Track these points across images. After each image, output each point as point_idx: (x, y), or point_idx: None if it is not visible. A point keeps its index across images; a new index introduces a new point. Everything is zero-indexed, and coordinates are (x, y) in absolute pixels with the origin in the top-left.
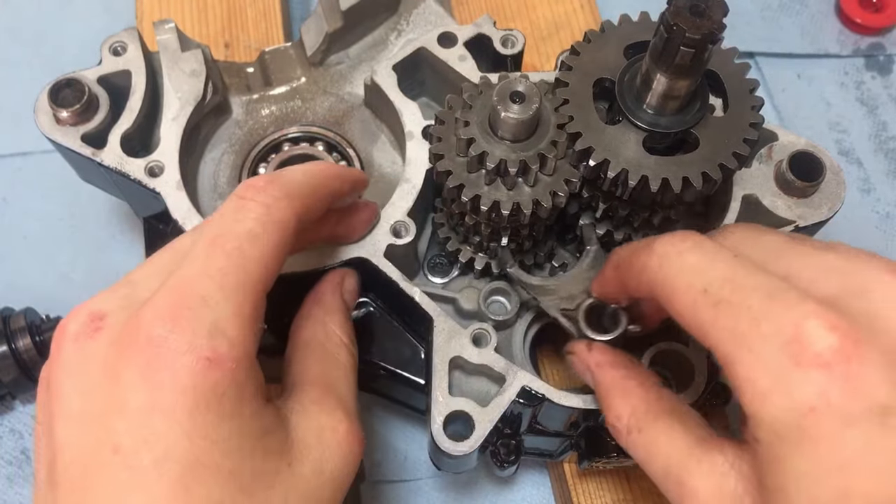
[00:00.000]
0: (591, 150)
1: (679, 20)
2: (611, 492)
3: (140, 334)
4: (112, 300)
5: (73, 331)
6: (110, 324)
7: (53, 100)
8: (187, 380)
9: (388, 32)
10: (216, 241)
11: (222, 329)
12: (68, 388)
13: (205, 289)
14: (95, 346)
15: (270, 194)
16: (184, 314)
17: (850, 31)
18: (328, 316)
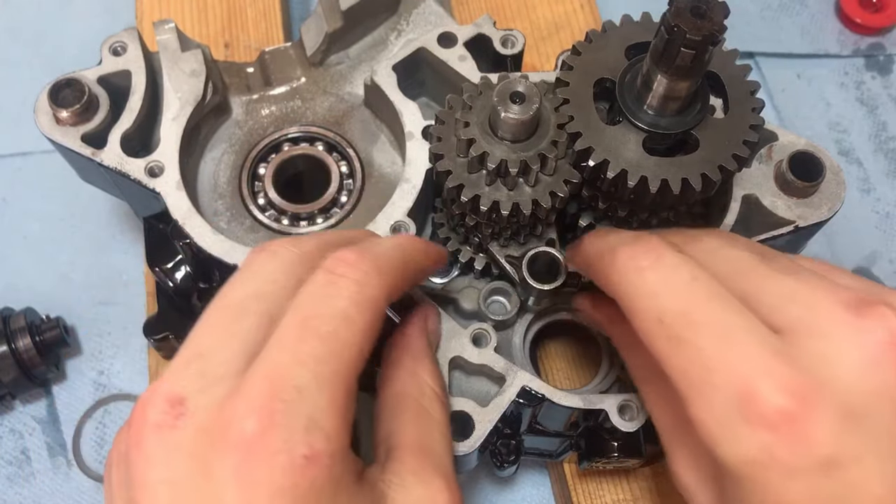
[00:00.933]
0: (590, 150)
1: (680, 21)
2: (611, 492)
3: (232, 429)
4: (186, 380)
5: (153, 420)
6: (192, 410)
7: (53, 100)
8: (284, 480)
9: (388, 32)
10: (308, 322)
11: (318, 423)
12: (154, 479)
13: (299, 379)
14: (180, 435)
15: (362, 270)
16: (278, 408)
17: (850, 31)
18: (418, 364)
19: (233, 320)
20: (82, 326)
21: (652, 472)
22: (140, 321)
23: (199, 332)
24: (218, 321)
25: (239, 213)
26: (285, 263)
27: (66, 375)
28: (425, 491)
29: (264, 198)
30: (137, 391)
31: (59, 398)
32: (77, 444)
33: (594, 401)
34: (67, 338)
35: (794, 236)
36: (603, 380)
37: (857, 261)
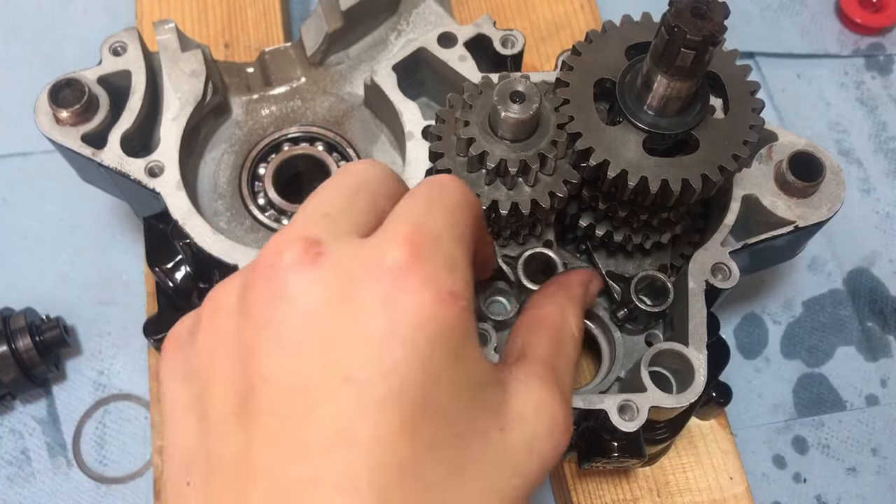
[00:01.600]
0: (591, 150)
1: (680, 22)
2: (611, 492)
3: (383, 260)
4: (319, 228)
5: (289, 257)
6: (332, 250)
7: (53, 100)
8: (430, 311)
9: (388, 32)
10: (431, 199)
11: (457, 267)
12: (283, 315)
13: (439, 228)
14: (321, 273)
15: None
16: (425, 245)
17: (850, 31)
18: (570, 304)
19: (348, 196)
20: (82, 326)
21: (652, 472)
22: (140, 321)
23: (314, 200)
24: (333, 194)
25: (239, 213)
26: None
27: (66, 375)
28: (548, 398)
29: (264, 198)
30: (137, 391)
31: (59, 398)
32: (77, 444)
33: (594, 401)
34: (67, 338)
35: (794, 236)
36: (603, 380)
37: (857, 261)
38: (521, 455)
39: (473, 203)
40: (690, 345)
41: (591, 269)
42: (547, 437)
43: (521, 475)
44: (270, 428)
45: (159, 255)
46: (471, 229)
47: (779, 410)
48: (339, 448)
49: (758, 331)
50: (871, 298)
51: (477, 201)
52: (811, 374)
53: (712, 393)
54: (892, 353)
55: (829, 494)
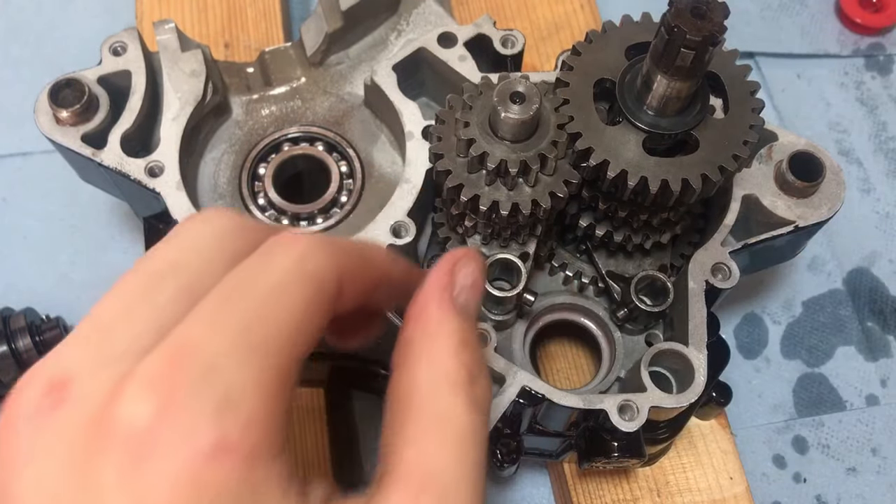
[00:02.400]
0: (591, 150)
1: (680, 22)
2: (611, 492)
3: (120, 416)
4: (78, 357)
5: (28, 406)
6: (78, 394)
7: (53, 100)
8: (185, 479)
9: (388, 32)
10: (231, 294)
11: (235, 404)
12: (24, 485)
13: (214, 349)
14: (59, 427)
15: (303, 243)
16: (182, 384)
17: (850, 31)
18: (435, 342)
19: (145, 291)
20: None
21: (652, 472)
22: None
23: (103, 303)
24: (128, 290)
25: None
26: (218, 232)
27: None
28: None
29: (264, 198)
30: None
31: None
32: None
33: (594, 401)
34: None
35: (794, 236)
36: (603, 380)
37: (857, 261)
38: None
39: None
40: (690, 345)
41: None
42: None
43: None
44: None
45: None
46: (303, 315)
47: (779, 410)
48: None
49: (758, 331)
50: (871, 298)
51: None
52: (811, 374)
53: (712, 393)
54: (891, 353)
55: (829, 494)
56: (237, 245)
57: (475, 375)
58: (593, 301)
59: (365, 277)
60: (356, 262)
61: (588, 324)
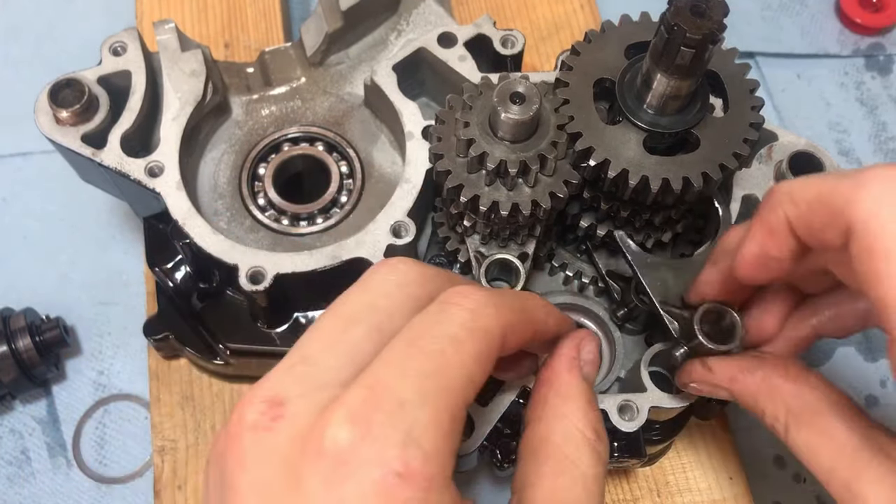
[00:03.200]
0: (591, 150)
1: (679, 20)
2: (611, 492)
3: (326, 437)
4: (290, 383)
5: (250, 420)
6: (291, 413)
7: (53, 100)
8: (375, 496)
9: (388, 32)
10: (416, 341)
11: (417, 439)
12: (244, 483)
13: (402, 391)
14: (275, 439)
15: (476, 299)
16: (377, 419)
17: (850, 31)
18: (566, 404)
19: (343, 329)
20: (82, 326)
21: (652, 472)
22: (140, 321)
23: (307, 338)
24: (328, 328)
25: (239, 213)
26: (403, 281)
27: (66, 375)
28: None
29: (264, 198)
30: (137, 391)
31: (59, 398)
32: (77, 444)
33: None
34: (67, 338)
35: None
36: (603, 380)
37: None
38: None
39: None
40: None
41: (576, 332)
42: None
43: None
44: None
45: (159, 255)
46: (474, 365)
47: None
48: None
49: None
50: None
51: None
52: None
53: None
54: None
55: (829, 495)
56: (420, 293)
57: (599, 433)
58: (593, 301)
59: (525, 331)
60: (518, 318)
61: (588, 324)
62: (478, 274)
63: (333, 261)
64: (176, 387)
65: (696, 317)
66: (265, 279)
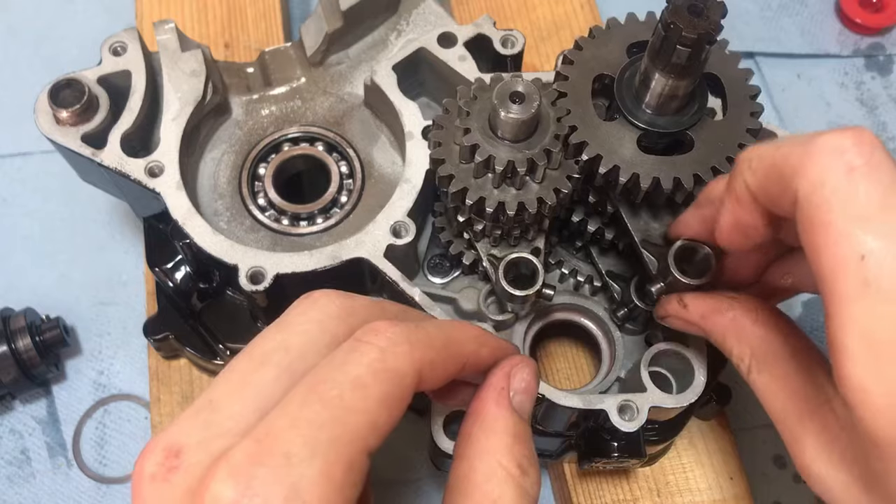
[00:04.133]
0: (584, 144)
1: (676, 18)
2: (611, 492)
3: (209, 493)
4: (191, 430)
5: (148, 471)
6: (186, 465)
7: (53, 100)
8: None
9: (388, 32)
10: (316, 387)
11: (301, 495)
12: None
13: (290, 444)
14: (171, 492)
15: (387, 337)
16: (258, 474)
17: (850, 31)
18: (489, 440)
19: (252, 370)
20: (82, 326)
21: (652, 472)
22: (140, 321)
23: (217, 380)
24: (238, 370)
25: (239, 213)
26: (321, 316)
27: (66, 375)
28: None
29: (264, 198)
30: (137, 391)
31: (59, 398)
32: (77, 444)
33: (594, 401)
34: (67, 338)
35: None
36: (603, 380)
37: None
38: None
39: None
40: (690, 345)
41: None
42: None
43: None
44: None
45: (159, 255)
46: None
47: None
48: None
49: None
50: None
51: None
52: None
53: (712, 393)
54: None
55: None
56: (338, 329)
57: (525, 468)
58: (593, 301)
59: (449, 366)
60: (439, 354)
61: (588, 324)
62: (496, 277)
63: (333, 261)
64: (176, 387)
65: (670, 252)
66: (265, 279)
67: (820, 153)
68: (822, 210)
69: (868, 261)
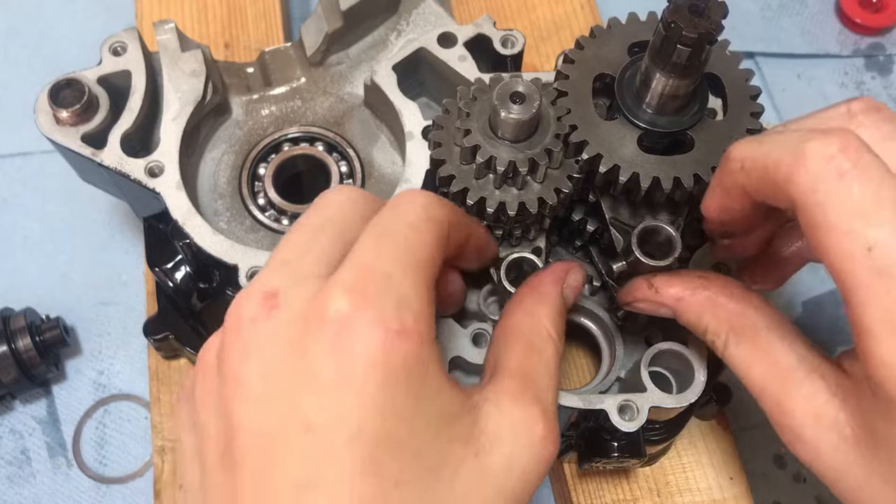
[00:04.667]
0: (585, 143)
1: (677, 18)
2: (611, 492)
3: (328, 308)
4: (278, 279)
5: (248, 313)
6: (286, 301)
7: (53, 100)
8: (378, 352)
9: (388, 32)
10: (382, 233)
11: (408, 302)
12: (248, 371)
13: (386, 267)
14: (275, 324)
15: (425, 197)
16: (370, 288)
17: (850, 31)
18: (540, 306)
19: (311, 237)
20: (82, 326)
21: (652, 472)
22: (140, 321)
23: (281, 248)
24: (297, 239)
25: (239, 213)
26: (352, 197)
27: (66, 375)
28: (522, 415)
29: (264, 198)
30: (137, 391)
31: (59, 398)
32: (77, 444)
33: (594, 401)
34: (67, 338)
35: None
36: (603, 380)
37: None
38: (500, 477)
39: (436, 216)
40: (690, 345)
41: (569, 260)
42: (527, 453)
43: (504, 496)
44: (246, 478)
45: (159, 255)
46: (433, 246)
47: None
48: (306, 495)
49: None
50: None
51: (444, 210)
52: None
53: (712, 393)
54: None
55: (829, 494)
56: (367, 208)
57: (559, 335)
58: (593, 301)
59: (463, 230)
60: (458, 217)
61: (588, 324)
62: (497, 277)
63: None
64: (176, 387)
65: (634, 232)
66: None
67: (809, 161)
68: (821, 213)
69: (875, 251)
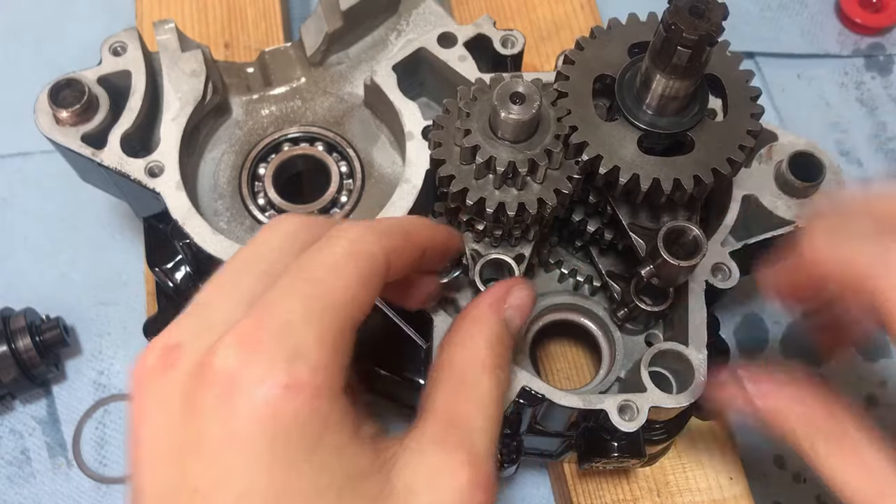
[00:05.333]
0: (585, 144)
1: (677, 19)
2: (611, 492)
3: (216, 365)
4: (185, 329)
5: (149, 366)
6: (186, 354)
7: (53, 100)
8: (265, 408)
9: (388, 32)
10: (300, 273)
11: (303, 354)
12: (148, 428)
13: (286, 314)
14: (172, 379)
15: (355, 230)
16: (263, 339)
17: (850, 31)
18: (476, 335)
19: (236, 276)
20: (82, 326)
21: (652, 472)
22: (140, 321)
23: (203, 290)
24: (221, 279)
25: (239, 213)
26: (289, 228)
27: (66, 375)
28: (442, 461)
29: (264, 198)
30: None
31: (59, 398)
32: (77, 444)
33: (594, 401)
34: (67, 338)
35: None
36: (603, 380)
37: None
38: None
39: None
40: (690, 345)
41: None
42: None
43: None
44: None
45: (159, 255)
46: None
47: None
48: None
49: (758, 331)
50: None
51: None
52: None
53: None
54: (891, 353)
55: (829, 494)
56: (304, 238)
57: (501, 364)
58: (593, 301)
59: (411, 253)
60: (401, 242)
61: (588, 324)
62: (472, 273)
63: None
64: None
65: (660, 235)
66: None
67: None
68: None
69: None
